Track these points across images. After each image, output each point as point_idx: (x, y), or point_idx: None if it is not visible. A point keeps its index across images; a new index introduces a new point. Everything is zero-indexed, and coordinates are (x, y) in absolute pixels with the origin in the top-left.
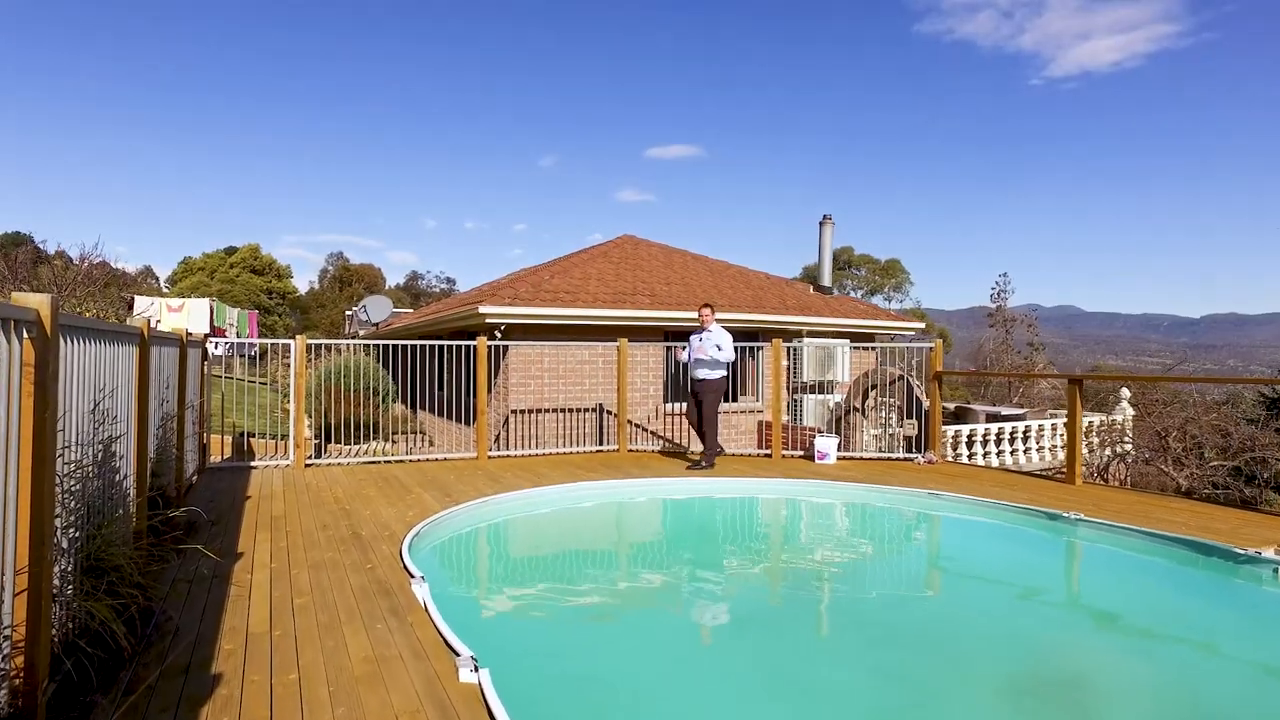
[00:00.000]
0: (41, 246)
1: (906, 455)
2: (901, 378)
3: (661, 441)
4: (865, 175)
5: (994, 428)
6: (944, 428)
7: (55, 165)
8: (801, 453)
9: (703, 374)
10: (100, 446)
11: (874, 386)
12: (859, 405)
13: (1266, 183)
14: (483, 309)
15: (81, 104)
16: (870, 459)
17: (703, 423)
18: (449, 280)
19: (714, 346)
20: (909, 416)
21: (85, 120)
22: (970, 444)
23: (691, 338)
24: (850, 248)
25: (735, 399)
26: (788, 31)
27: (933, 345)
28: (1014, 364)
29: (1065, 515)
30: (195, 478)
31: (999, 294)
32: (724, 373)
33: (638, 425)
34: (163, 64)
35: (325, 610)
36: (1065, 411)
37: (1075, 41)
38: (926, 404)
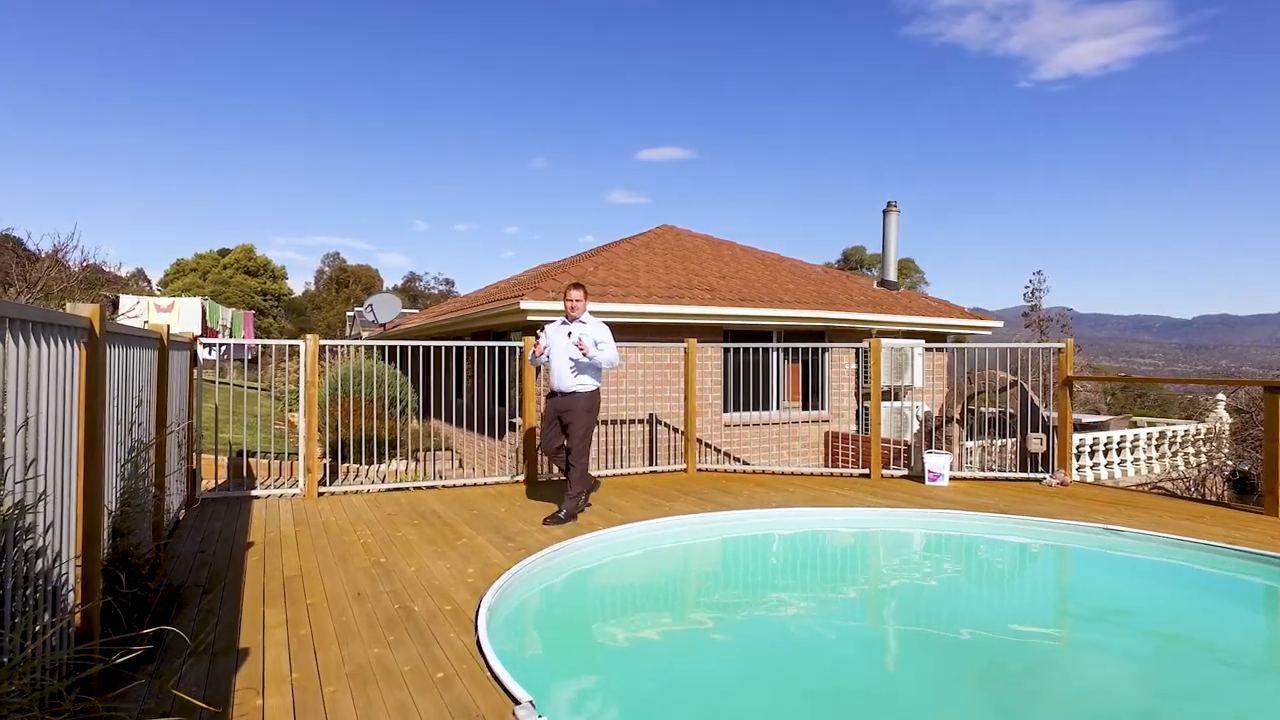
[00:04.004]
0: (27, 244)
1: (1028, 475)
2: (1014, 383)
3: (724, 457)
4: (863, 174)
5: (1088, 438)
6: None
7: (43, 165)
8: (905, 471)
9: (576, 383)
10: None
11: (979, 393)
12: (958, 415)
13: (1256, 183)
14: (524, 304)
15: (72, 103)
16: (986, 479)
17: (571, 452)
18: (448, 281)
19: (592, 343)
20: (1033, 429)
21: (74, 120)
22: None
23: (553, 329)
24: (862, 247)
25: (772, 407)
26: (775, 31)
27: (1062, 346)
28: (1048, 365)
29: None
30: (182, 514)
31: (1033, 293)
32: (599, 383)
33: (705, 443)
34: (152, 63)
35: None
36: (1149, 418)
37: (1063, 45)
38: (1046, 414)
